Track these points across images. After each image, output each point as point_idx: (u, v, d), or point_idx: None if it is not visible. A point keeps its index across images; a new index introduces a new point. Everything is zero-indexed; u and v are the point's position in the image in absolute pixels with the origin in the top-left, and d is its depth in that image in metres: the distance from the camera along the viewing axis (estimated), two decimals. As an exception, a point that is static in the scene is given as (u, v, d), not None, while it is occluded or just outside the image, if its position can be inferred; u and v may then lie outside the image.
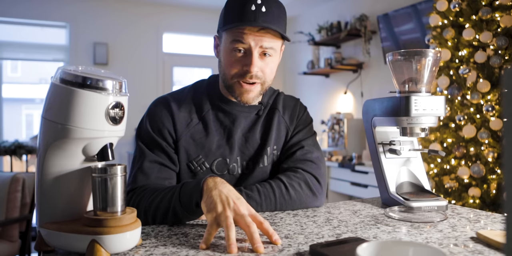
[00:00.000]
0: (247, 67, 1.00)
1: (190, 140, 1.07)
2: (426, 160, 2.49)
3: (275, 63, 1.07)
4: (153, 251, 0.73)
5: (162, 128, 1.06)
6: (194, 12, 5.00)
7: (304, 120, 1.19)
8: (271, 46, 1.01)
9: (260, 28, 0.98)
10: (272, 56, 1.04)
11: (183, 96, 1.12)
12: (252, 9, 0.97)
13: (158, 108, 1.09)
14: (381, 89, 3.81)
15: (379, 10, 3.84)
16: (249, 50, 1.00)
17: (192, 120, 1.09)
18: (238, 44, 1.00)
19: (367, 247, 0.57)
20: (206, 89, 1.13)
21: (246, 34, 0.99)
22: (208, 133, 1.08)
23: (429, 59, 1.03)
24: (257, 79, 1.03)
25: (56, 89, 0.71)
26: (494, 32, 2.22)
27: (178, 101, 1.10)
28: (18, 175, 2.46)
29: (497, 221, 0.95)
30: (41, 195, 0.74)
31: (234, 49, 1.01)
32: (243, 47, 1.00)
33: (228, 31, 1.01)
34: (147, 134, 1.07)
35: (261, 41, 0.99)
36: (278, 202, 1.02)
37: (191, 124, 1.08)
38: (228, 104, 1.10)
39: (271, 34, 1.00)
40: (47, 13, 4.40)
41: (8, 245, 2.36)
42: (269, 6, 0.99)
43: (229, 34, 1.01)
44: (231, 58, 1.02)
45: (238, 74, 1.02)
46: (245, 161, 1.10)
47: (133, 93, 1.40)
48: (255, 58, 1.00)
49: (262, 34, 0.99)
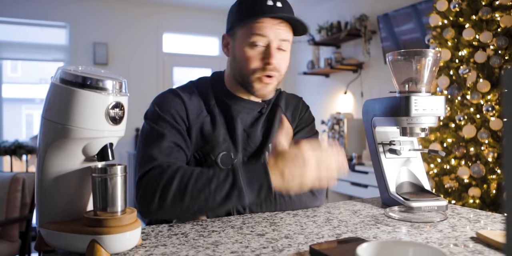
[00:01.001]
0: (267, 59, 1.02)
1: (199, 131, 1.07)
2: (426, 160, 2.49)
3: (289, 58, 1.09)
4: (153, 251, 0.73)
5: (176, 115, 1.04)
6: (194, 12, 5.00)
7: (306, 119, 1.20)
8: (288, 39, 1.05)
9: (279, 21, 1.01)
10: (286, 51, 1.07)
11: (191, 89, 1.11)
12: (269, 4, 1.01)
13: (169, 97, 1.08)
14: (381, 89, 3.81)
15: (379, 10, 3.84)
16: (268, 43, 1.03)
17: (202, 111, 1.08)
18: (257, 37, 1.02)
19: (367, 247, 0.57)
20: (211, 84, 1.13)
21: (266, 27, 1.01)
22: (215, 126, 1.08)
23: (429, 59, 1.03)
24: (276, 72, 1.05)
25: (56, 89, 0.71)
26: (494, 32, 2.22)
27: (187, 92, 1.10)
28: (18, 175, 2.46)
29: (497, 221, 0.95)
30: (41, 195, 0.74)
31: (253, 43, 1.03)
32: (262, 40, 1.02)
33: (245, 25, 1.03)
34: (160, 117, 1.04)
35: (280, 34, 1.02)
36: (278, 203, 1.02)
37: (201, 115, 1.08)
38: (232, 99, 1.10)
39: (287, 28, 1.03)
40: (47, 13, 4.40)
41: (8, 245, 2.36)
42: (284, 2, 1.04)
43: (247, 28, 1.03)
44: (250, 53, 1.04)
45: (259, 69, 1.04)
46: (247, 157, 1.11)
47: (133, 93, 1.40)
48: (275, 50, 1.03)
49: (281, 27, 1.02)
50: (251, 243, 0.78)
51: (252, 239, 0.80)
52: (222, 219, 0.97)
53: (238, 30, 1.05)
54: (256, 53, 1.03)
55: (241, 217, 0.98)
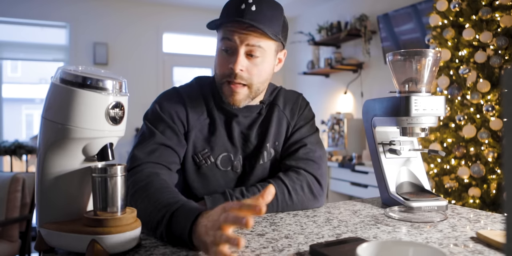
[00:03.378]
0: (231, 65, 0.99)
1: (199, 133, 1.07)
2: (426, 160, 2.49)
3: (266, 65, 1.02)
4: (153, 251, 0.73)
5: (174, 115, 1.05)
6: (194, 12, 5.00)
7: (306, 116, 1.17)
8: (259, 45, 0.98)
9: (247, 25, 0.96)
10: (262, 57, 1.00)
11: (193, 90, 1.11)
12: (242, 8, 0.97)
13: (171, 97, 1.08)
14: (381, 89, 3.81)
15: (379, 10, 3.84)
16: (235, 49, 0.99)
17: (203, 113, 1.08)
18: (226, 41, 0.99)
19: (367, 247, 0.57)
20: (210, 86, 1.12)
21: (233, 32, 0.98)
22: (215, 128, 1.08)
23: (429, 59, 1.03)
24: (242, 79, 1.00)
25: (56, 89, 0.71)
26: (494, 32, 2.22)
27: (190, 93, 1.09)
28: (18, 175, 2.46)
29: (497, 221, 0.95)
30: (41, 195, 0.74)
31: (222, 48, 1.01)
32: (231, 45, 0.99)
33: (219, 30, 1.02)
34: (158, 117, 1.04)
35: (247, 39, 0.97)
36: (280, 206, 1.02)
37: (202, 117, 1.08)
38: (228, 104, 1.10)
39: (258, 33, 0.97)
40: (47, 13, 4.40)
41: (8, 245, 2.35)
42: (260, 6, 0.98)
43: (219, 32, 1.02)
44: (220, 58, 1.02)
45: (225, 74, 1.01)
46: (246, 159, 1.11)
47: (133, 93, 1.40)
48: (240, 56, 0.98)
49: (249, 32, 0.97)
50: (251, 243, 0.78)
51: (252, 239, 0.80)
52: (222, 219, 0.96)
53: (218, 33, 1.04)
54: (225, 58, 1.01)
55: (241, 217, 0.98)
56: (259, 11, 0.97)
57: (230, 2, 1.02)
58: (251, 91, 1.03)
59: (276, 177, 1.05)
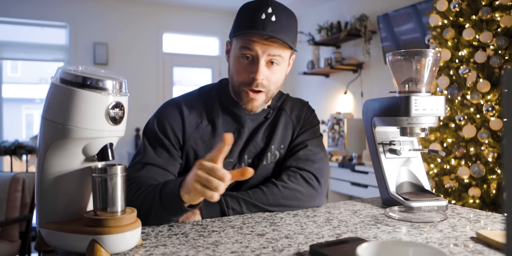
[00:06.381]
0: (253, 74, 1.01)
1: (199, 141, 1.08)
2: (426, 160, 2.49)
3: (282, 72, 1.07)
4: (153, 251, 0.73)
5: (169, 129, 1.07)
6: (194, 12, 5.00)
7: (311, 121, 1.20)
8: (279, 54, 1.02)
9: (268, 37, 0.99)
10: (280, 65, 1.04)
11: (194, 99, 1.13)
12: (262, 18, 0.99)
13: (169, 110, 1.10)
14: (381, 89, 3.81)
15: (379, 10, 3.84)
16: (256, 58, 1.01)
17: (202, 121, 1.10)
18: (246, 51, 1.01)
19: (367, 247, 0.57)
20: (217, 92, 1.14)
21: (254, 42, 0.99)
22: (216, 134, 1.09)
23: (429, 59, 1.03)
24: (263, 87, 1.03)
25: (56, 89, 0.71)
26: (494, 32, 2.22)
27: (189, 104, 1.11)
28: (18, 175, 2.46)
29: (497, 221, 0.95)
30: (41, 195, 0.74)
31: (242, 56, 1.02)
32: (251, 54, 1.01)
33: (237, 37, 1.03)
34: (152, 131, 1.07)
35: (268, 49, 1.00)
36: (280, 206, 1.03)
37: (201, 125, 1.09)
38: (237, 107, 1.11)
39: (278, 44, 1.00)
40: (47, 13, 4.40)
41: (8, 245, 2.35)
42: (279, 16, 1.00)
43: (238, 40, 1.03)
44: (239, 65, 1.04)
45: (245, 82, 1.03)
46: (250, 160, 1.12)
47: (133, 93, 1.40)
48: (262, 66, 1.01)
49: (270, 43, 1.00)
50: (251, 243, 0.78)
51: (252, 239, 0.80)
52: (222, 219, 0.97)
53: (234, 39, 1.05)
54: (244, 66, 1.03)
55: (241, 217, 0.98)
56: (278, 21, 1.00)
57: (247, 11, 1.02)
58: (267, 97, 1.07)
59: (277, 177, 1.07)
